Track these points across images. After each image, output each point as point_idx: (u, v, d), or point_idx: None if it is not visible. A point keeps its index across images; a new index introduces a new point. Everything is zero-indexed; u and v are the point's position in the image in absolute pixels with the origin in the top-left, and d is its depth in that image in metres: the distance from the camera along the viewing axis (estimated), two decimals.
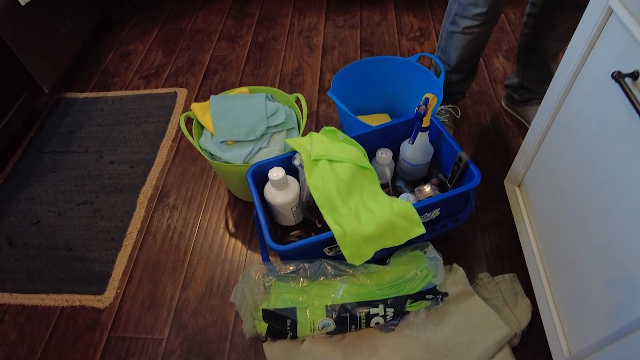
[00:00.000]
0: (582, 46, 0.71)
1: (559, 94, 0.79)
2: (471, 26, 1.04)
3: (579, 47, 0.72)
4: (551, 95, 0.82)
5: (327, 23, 1.82)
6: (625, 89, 0.58)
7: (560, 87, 0.78)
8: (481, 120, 1.37)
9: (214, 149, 1.08)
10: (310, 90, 1.54)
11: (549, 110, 0.83)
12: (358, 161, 0.93)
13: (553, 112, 0.82)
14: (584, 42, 0.70)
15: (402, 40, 1.69)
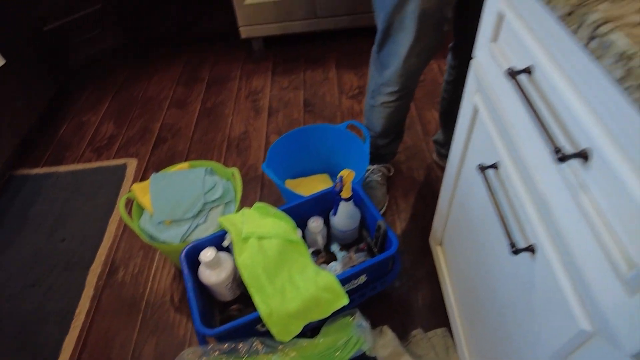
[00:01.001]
0: (462, 140, 0.80)
1: (454, 174, 0.87)
2: (388, 101, 1.13)
3: (460, 139, 0.81)
4: (449, 173, 0.91)
5: (273, 85, 1.92)
6: (487, 181, 0.66)
7: (454, 168, 0.87)
8: (414, 174, 1.46)
9: (152, 229, 1.12)
10: (256, 153, 1.61)
11: (450, 183, 0.91)
12: (287, 235, 0.99)
13: (453, 184, 0.90)
14: (463, 136, 0.79)
15: (342, 98, 1.80)
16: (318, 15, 1.92)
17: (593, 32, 0.38)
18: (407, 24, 0.91)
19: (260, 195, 1.46)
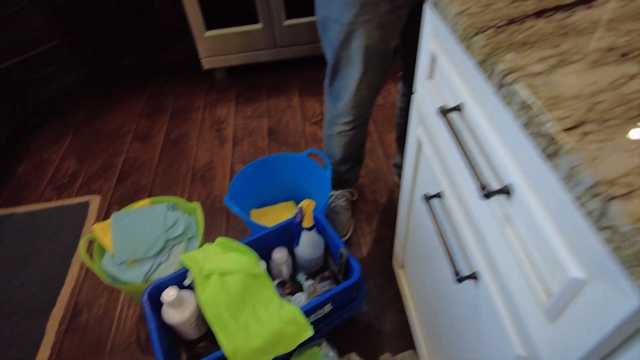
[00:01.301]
0: (411, 169, 0.83)
1: (407, 201, 0.90)
2: (344, 130, 1.16)
3: (409, 168, 0.84)
4: (403, 200, 0.94)
5: (237, 114, 1.94)
6: (432, 210, 0.69)
7: (406, 195, 0.90)
8: (377, 197, 1.49)
9: (114, 270, 1.10)
10: (222, 184, 1.61)
11: (405, 209, 0.94)
12: (250, 269, 0.99)
13: (407, 210, 0.93)
14: (411, 165, 0.83)
15: (306, 125, 1.83)
16: (279, 45, 1.96)
17: (501, 80, 0.42)
18: (354, 60, 0.95)
19: (227, 226, 1.45)
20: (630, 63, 0.41)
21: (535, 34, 0.46)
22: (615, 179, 0.30)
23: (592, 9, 0.50)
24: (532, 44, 0.45)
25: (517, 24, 0.48)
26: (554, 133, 0.35)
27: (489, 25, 0.48)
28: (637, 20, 0.48)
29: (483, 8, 0.52)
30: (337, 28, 0.91)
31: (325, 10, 0.92)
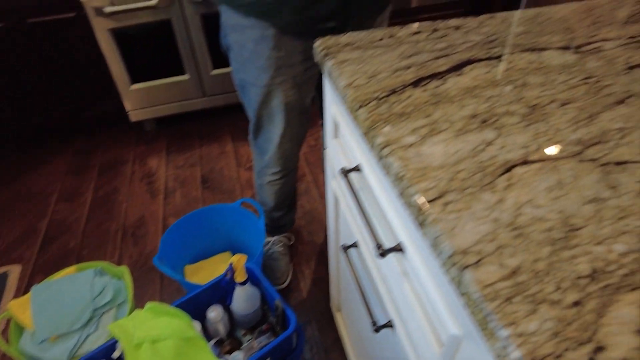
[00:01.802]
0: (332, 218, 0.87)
1: (334, 247, 0.93)
2: (273, 180, 1.18)
3: (331, 217, 0.88)
4: (331, 246, 0.97)
5: (168, 165, 1.91)
6: (349, 259, 0.72)
7: (332, 242, 0.93)
8: (315, 238, 1.52)
9: (35, 349, 1.02)
10: (154, 240, 1.56)
11: (333, 255, 0.97)
12: (183, 333, 0.96)
13: (335, 256, 0.96)
14: (332, 215, 0.86)
15: (240, 171, 1.84)
16: (208, 94, 1.98)
17: (379, 152, 0.46)
18: (274, 117, 0.99)
19: (161, 286, 1.40)
20: (488, 129, 0.47)
21: (411, 104, 0.52)
22: (468, 249, 0.34)
23: (461, 76, 0.57)
24: (408, 115, 0.50)
25: (397, 94, 0.54)
26: (421, 204, 0.39)
27: (372, 97, 0.53)
28: (497, 85, 0.55)
29: (368, 79, 0.57)
30: (255, 90, 0.94)
31: (241, 74, 0.95)
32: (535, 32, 0.68)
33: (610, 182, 0.40)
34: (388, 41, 0.66)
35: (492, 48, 0.63)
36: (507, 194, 0.39)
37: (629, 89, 0.53)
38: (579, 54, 0.61)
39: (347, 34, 0.69)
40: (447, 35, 0.68)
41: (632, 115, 0.49)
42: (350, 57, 0.62)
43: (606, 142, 0.45)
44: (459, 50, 0.63)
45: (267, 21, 0.82)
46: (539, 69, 0.58)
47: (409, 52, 0.63)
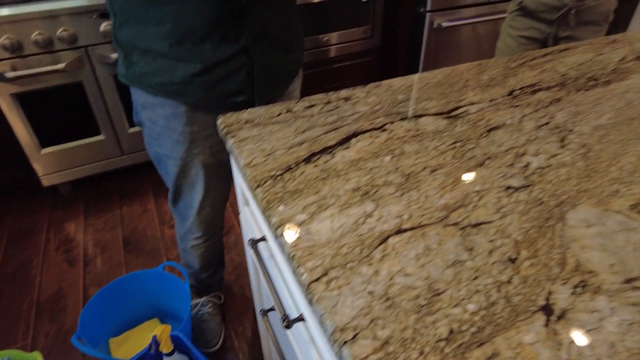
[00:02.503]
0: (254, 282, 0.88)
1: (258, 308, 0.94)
2: (197, 244, 1.18)
3: (253, 281, 0.89)
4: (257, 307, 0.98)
5: (87, 230, 1.82)
6: (269, 324, 0.74)
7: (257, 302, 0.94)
8: (246, 292, 1.51)
9: None
10: (74, 313, 1.46)
11: (259, 315, 0.98)
12: None
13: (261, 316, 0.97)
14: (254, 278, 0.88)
15: (164, 229, 1.79)
16: (126, 152, 1.93)
17: (275, 231, 0.50)
18: (193, 185, 0.99)
19: None
20: (368, 201, 0.53)
21: (303, 181, 0.57)
22: (346, 325, 0.39)
23: (348, 149, 0.64)
24: (300, 192, 0.55)
25: (292, 171, 0.59)
26: (307, 284, 0.43)
27: (268, 176, 0.58)
28: (378, 156, 0.62)
29: (266, 157, 0.62)
30: (172, 162, 0.95)
31: (155, 148, 0.95)
32: (414, 100, 0.78)
33: (467, 245, 0.47)
34: (285, 116, 0.72)
35: (376, 118, 0.71)
36: (382, 265, 0.45)
37: (487, 151, 0.63)
38: (449, 119, 0.71)
39: (248, 111, 0.74)
40: (338, 107, 0.75)
41: (488, 177, 0.58)
42: (250, 134, 0.67)
43: (467, 206, 0.53)
44: (347, 123, 0.70)
45: (176, 100, 0.85)
46: (416, 136, 0.67)
47: (304, 127, 0.69)
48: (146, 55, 0.81)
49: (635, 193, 0.55)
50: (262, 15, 0.81)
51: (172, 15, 0.76)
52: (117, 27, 0.82)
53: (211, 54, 0.80)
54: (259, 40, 0.83)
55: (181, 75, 0.82)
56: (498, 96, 0.79)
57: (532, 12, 1.46)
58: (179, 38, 0.78)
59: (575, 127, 0.70)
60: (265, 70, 0.87)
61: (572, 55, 0.99)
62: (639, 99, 0.79)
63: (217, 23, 0.77)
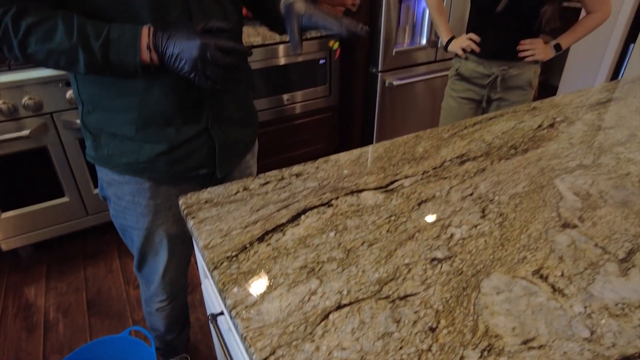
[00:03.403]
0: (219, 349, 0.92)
1: None
2: (161, 307, 1.20)
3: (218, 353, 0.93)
4: None
5: (48, 293, 1.79)
6: None
7: None
8: (213, 353, 1.52)
9: None
10: None
11: None
12: None
13: None
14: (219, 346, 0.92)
15: (130, 289, 1.79)
16: (91, 213, 1.94)
17: (229, 313, 0.57)
18: (158, 252, 1.04)
19: None
20: (313, 278, 0.61)
21: (257, 261, 0.64)
22: None
23: (297, 226, 0.72)
24: (253, 272, 0.62)
25: (246, 251, 0.66)
26: None
27: (224, 257, 0.64)
28: (324, 232, 0.70)
29: (223, 238, 0.69)
30: (137, 233, 1.00)
31: (121, 220, 1.00)
32: (357, 174, 0.87)
33: (395, 317, 0.55)
34: (242, 194, 0.80)
35: (324, 194, 0.80)
36: (323, 341, 0.52)
37: (417, 223, 0.73)
38: (386, 193, 0.81)
39: (207, 190, 0.81)
40: (290, 183, 0.84)
41: (417, 250, 0.67)
42: (209, 215, 0.74)
43: (397, 279, 0.61)
44: (298, 199, 0.78)
45: (142, 177, 0.92)
46: (357, 211, 0.76)
47: (259, 205, 0.77)
48: (114, 139, 0.88)
49: (538, 259, 0.66)
50: (220, 98, 0.91)
51: (137, 104, 0.83)
52: (85, 114, 0.89)
53: (175, 135, 0.88)
54: (218, 120, 0.92)
55: (148, 155, 0.88)
56: (430, 168, 0.90)
57: (467, 78, 1.63)
58: (144, 123, 0.85)
59: (495, 197, 0.81)
60: (225, 145, 0.95)
61: (497, 123, 1.13)
62: (549, 167, 0.92)
63: (179, 109, 0.86)
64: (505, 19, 1.46)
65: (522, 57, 1.52)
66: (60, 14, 0.71)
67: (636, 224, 0.74)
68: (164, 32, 0.73)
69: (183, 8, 0.78)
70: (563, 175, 0.89)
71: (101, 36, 0.71)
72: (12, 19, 0.68)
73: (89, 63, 0.73)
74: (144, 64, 0.74)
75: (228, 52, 0.73)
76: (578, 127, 1.11)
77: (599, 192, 0.83)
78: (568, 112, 1.21)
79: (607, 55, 3.28)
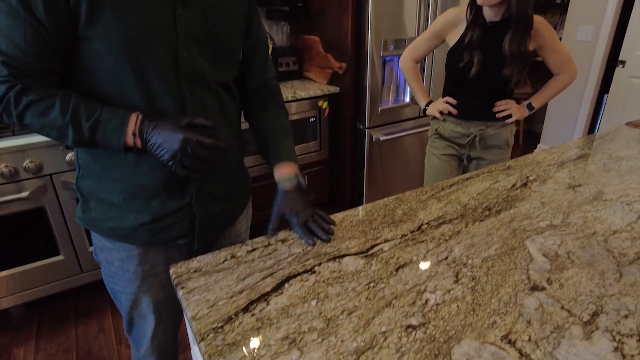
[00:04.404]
0: None
1: None
2: None
3: None
4: None
5: (37, 355, 1.77)
6: None
7: None
8: None
9: None
10: None
11: None
12: None
13: None
14: None
15: (121, 349, 1.78)
16: (85, 270, 1.96)
17: None
18: (145, 316, 1.07)
19: None
20: (294, 349, 0.64)
21: (241, 332, 0.68)
22: None
23: (281, 295, 0.76)
24: (237, 344, 0.65)
25: (231, 322, 0.70)
26: None
27: (211, 328, 0.68)
28: (306, 301, 0.74)
29: (210, 309, 0.72)
30: (125, 297, 1.03)
31: (111, 284, 1.04)
32: (340, 238, 0.93)
33: None
34: (230, 262, 0.85)
35: (307, 260, 0.85)
36: None
37: (395, 290, 0.77)
38: (366, 258, 0.86)
39: (197, 259, 0.86)
40: (276, 249, 0.89)
41: (393, 317, 0.71)
42: (198, 284, 0.78)
43: (374, 347, 0.65)
44: (282, 267, 0.83)
45: (129, 243, 0.97)
46: (338, 277, 0.80)
47: (245, 273, 0.81)
48: (102, 204, 0.94)
49: (507, 323, 0.70)
50: (206, 177, 0.97)
51: (127, 176, 0.90)
52: (80, 177, 0.96)
53: (159, 208, 0.93)
54: (201, 196, 0.97)
55: (131, 223, 0.94)
56: (408, 232, 0.96)
57: (447, 138, 1.73)
58: (132, 194, 0.91)
59: (468, 260, 0.86)
60: (205, 219, 1.00)
61: (473, 184, 1.20)
62: (520, 227, 0.98)
63: (165, 185, 0.92)
64: (478, 84, 1.57)
65: (499, 117, 1.62)
66: (60, 94, 0.79)
67: (600, 284, 0.79)
68: (150, 121, 0.80)
69: (176, 95, 0.85)
70: (534, 236, 0.95)
71: (92, 118, 0.78)
72: (15, 94, 0.76)
73: (77, 140, 0.80)
74: (126, 146, 0.81)
75: (208, 148, 0.80)
76: (549, 186, 1.18)
77: (566, 253, 0.89)
78: (540, 171, 1.28)
79: (584, 104, 3.46)
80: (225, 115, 0.96)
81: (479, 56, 1.50)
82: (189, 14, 0.84)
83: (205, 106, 0.90)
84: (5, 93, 0.76)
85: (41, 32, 0.74)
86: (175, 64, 0.84)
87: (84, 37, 0.77)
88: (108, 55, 0.78)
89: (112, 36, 0.77)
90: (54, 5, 0.73)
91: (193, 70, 0.86)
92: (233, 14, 0.93)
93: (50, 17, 0.73)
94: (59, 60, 0.79)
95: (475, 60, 1.50)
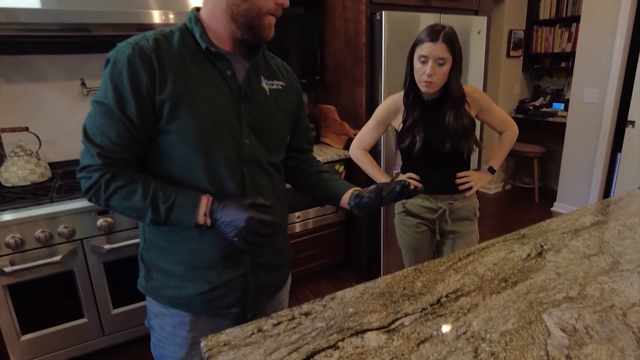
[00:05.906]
0: None
1: None
2: None
3: None
4: None
5: None
6: None
7: None
8: None
9: None
10: None
11: None
12: None
13: None
14: None
15: None
16: (107, 333, 1.99)
17: None
18: None
19: None
20: None
21: None
22: None
23: None
24: None
25: None
26: None
27: None
28: None
29: None
30: None
31: (160, 350, 1.10)
32: (361, 312, 0.96)
33: None
34: (256, 336, 0.89)
35: (331, 335, 0.89)
36: None
37: None
38: (388, 333, 0.89)
39: (226, 332, 0.90)
40: (300, 324, 0.93)
41: None
42: (227, 358, 0.82)
43: None
44: (307, 341, 0.87)
45: (183, 310, 1.04)
46: (361, 353, 0.83)
47: (271, 348, 0.85)
48: (163, 274, 1.03)
49: None
50: (260, 248, 1.05)
51: (189, 249, 1.00)
52: (144, 249, 1.05)
53: (216, 278, 1.02)
54: (255, 266, 1.06)
55: (189, 292, 1.02)
56: (428, 305, 0.99)
57: (416, 214, 1.74)
58: (192, 265, 1.00)
59: (487, 335, 0.88)
60: (258, 288, 1.08)
61: (489, 254, 1.23)
62: (537, 300, 1.00)
63: (223, 256, 1.01)
64: (429, 160, 1.63)
65: (461, 189, 1.67)
66: (142, 180, 0.91)
67: None
68: (219, 203, 0.91)
69: (238, 177, 0.97)
70: (550, 309, 0.97)
71: (168, 201, 0.90)
72: (106, 180, 0.89)
73: (154, 220, 0.91)
74: (197, 224, 0.92)
75: (268, 224, 0.91)
76: (564, 255, 1.21)
77: (584, 327, 0.90)
78: (555, 240, 1.31)
79: (597, 162, 3.50)
80: (275, 191, 1.07)
81: (421, 134, 1.56)
82: (250, 108, 0.98)
83: (260, 184, 1.02)
84: (97, 180, 0.88)
85: (130, 129, 0.88)
86: (239, 151, 0.97)
87: (163, 131, 0.90)
88: (183, 145, 0.91)
89: (188, 130, 0.90)
90: (143, 107, 0.87)
91: (252, 155, 0.99)
92: (285, 104, 1.07)
93: (139, 116, 0.87)
94: (142, 151, 0.92)
95: (418, 138, 1.57)
